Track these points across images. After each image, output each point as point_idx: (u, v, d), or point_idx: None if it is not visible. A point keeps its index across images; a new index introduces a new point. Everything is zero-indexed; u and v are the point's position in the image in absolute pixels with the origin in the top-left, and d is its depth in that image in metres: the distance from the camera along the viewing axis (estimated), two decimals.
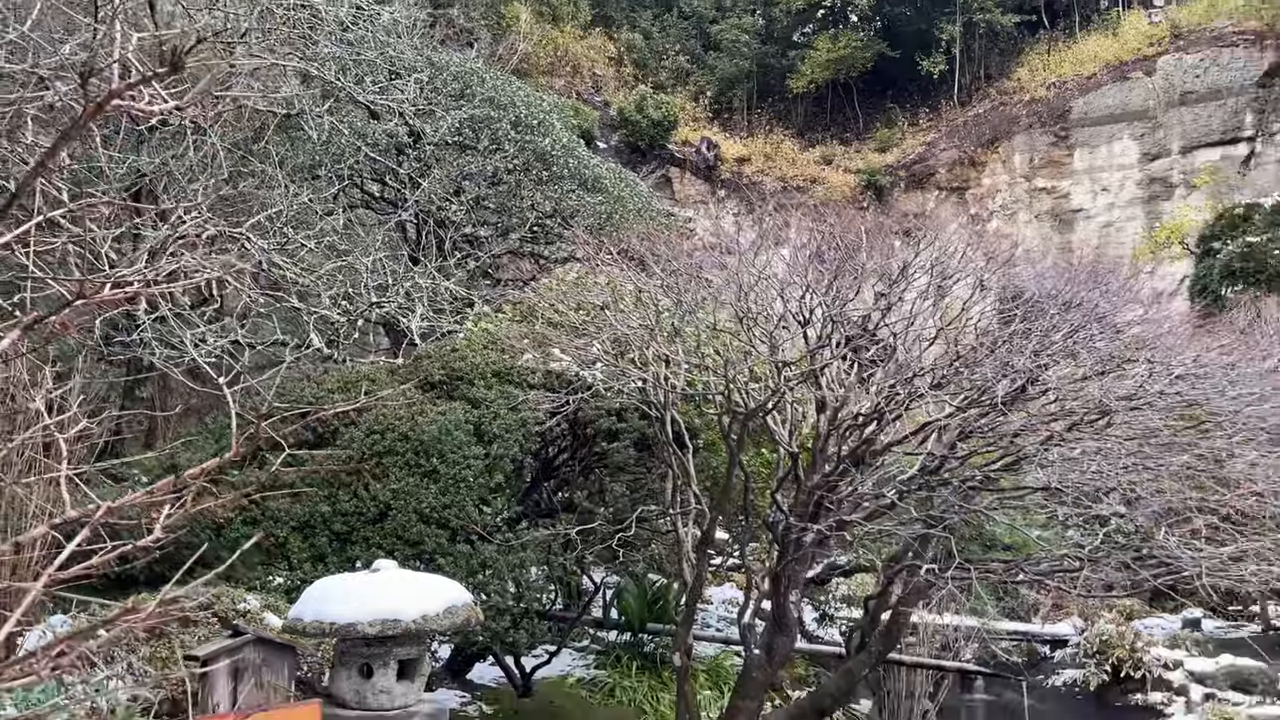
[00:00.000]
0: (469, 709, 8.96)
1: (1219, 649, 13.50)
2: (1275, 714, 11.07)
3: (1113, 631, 13.22)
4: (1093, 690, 12.94)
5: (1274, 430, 7.26)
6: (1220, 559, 6.73)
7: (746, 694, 7.64)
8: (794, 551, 7.61)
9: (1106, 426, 7.11)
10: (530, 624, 7.73)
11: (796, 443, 8.03)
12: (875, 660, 7.86)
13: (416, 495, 7.43)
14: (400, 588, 5.92)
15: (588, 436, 8.72)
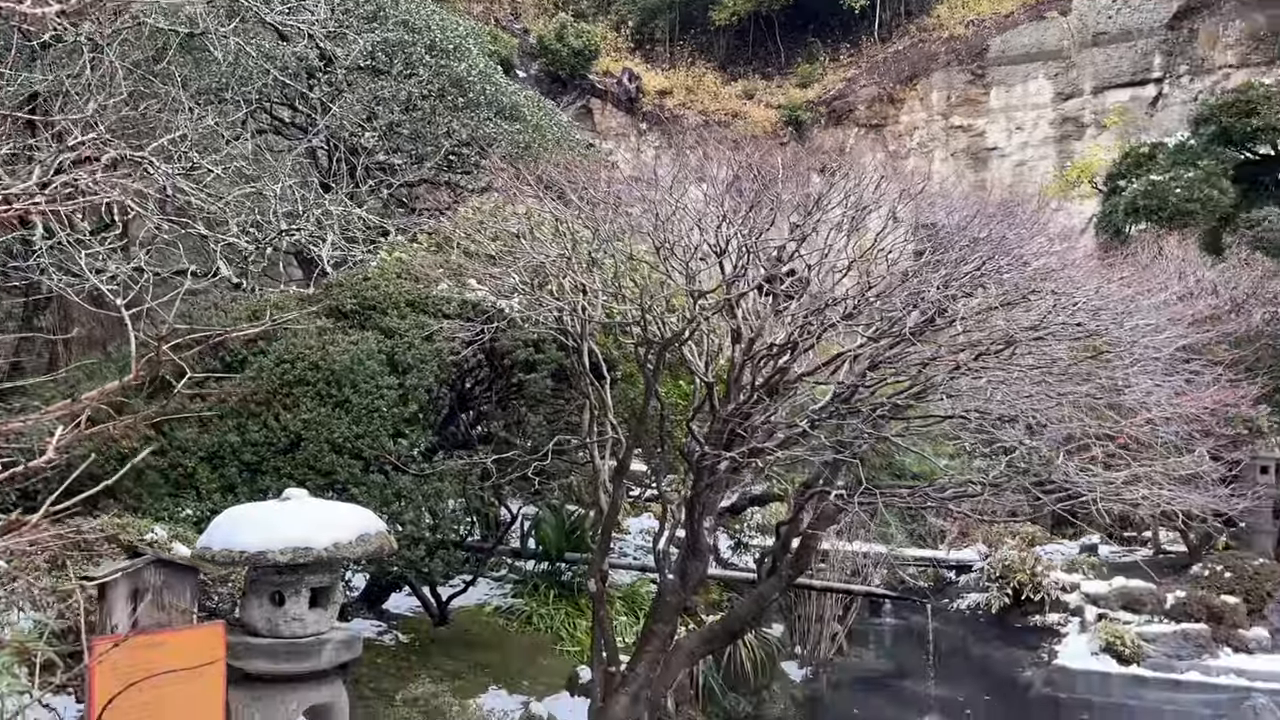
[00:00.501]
0: (385, 638, 8.99)
1: (1113, 572, 14.12)
2: (1161, 630, 11.65)
3: (1015, 557, 13.71)
4: (995, 613, 13.45)
5: (1168, 360, 7.54)
6: (1115, 484, 7.00)
7: (661, 618, 7.78)
8: (708, 479, 7.72)
9: (1011, 356, 7.30)
10: (446, 553, 7.74)
11: (712, 373, 8.10)
12: (785, 584, 8.05)
13: (328, 425, 7.33)
14: (312, 516, 5.85)
15: (505, 368, 8.68)
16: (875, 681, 12.09)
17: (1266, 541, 13.81)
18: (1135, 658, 11.36)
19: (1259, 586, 12.33)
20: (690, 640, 8.10)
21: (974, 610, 14.19)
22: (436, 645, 8.99)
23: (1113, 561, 15.63)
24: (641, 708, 7.56)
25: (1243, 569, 12.56)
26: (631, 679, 7.61)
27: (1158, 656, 11.37)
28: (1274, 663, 11.28)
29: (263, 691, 5.73)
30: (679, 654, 7.90)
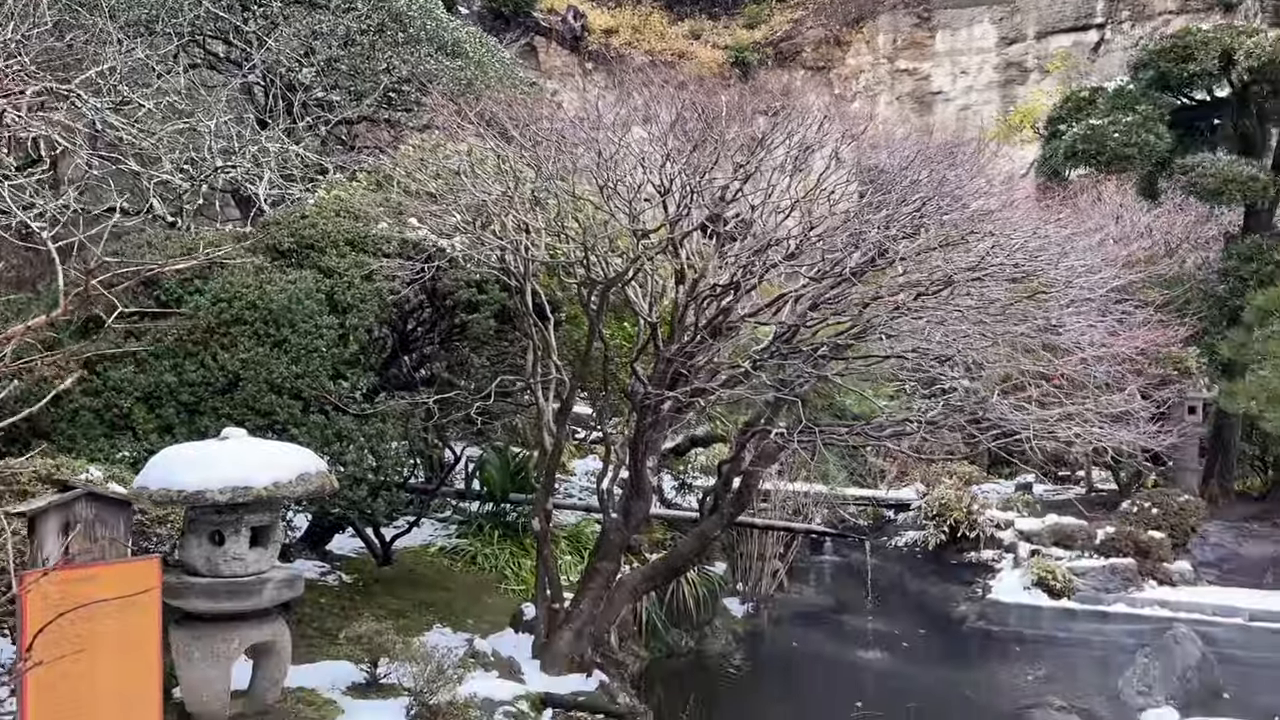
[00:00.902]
0: (328, 579, 8.97)
1: (1046, 510, 14.49)
2: (1091, 565, 12.01)
3: (951, 496, 14.01)
4: (931, 549, 13.76)
5: (1102, 301, 7.69)
6: (1048, 421, 7.17)
7: (604, 555, 7.86)
8: (651, 420, 7.77)
9: (950, 297, 7.40)
10: (389, 494, 7.72)
11: (656, 314, 8.12)
12: (726, 521, 8.17)
13: (267, 365, 7.22)
14: (251, 455, 5.81)
15: (447, 308, 8.60)
16: (815, 616, 12.35)
17: (1192, 479, 14.27)
18: (1066, 591, 11.71)
19: (1184, 522, 12.74)
20: (633, 577, 8.20)
21: (911, 547, 14.52)
22: (381, 585, 9.00)
23: (1047, 499, 16.05)
24: (585, 643, 7.66)
25: (1169, 505, 12.95)
26: (575, 615, 7.70)
27: (1087, 590, 11.73)
28: (1195, 594, 11.70)
29: (203, 630, 5.73)
30: (622, 591, 8.00)
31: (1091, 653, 10.71)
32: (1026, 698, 8.54)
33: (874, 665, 10.55)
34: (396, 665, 6.55)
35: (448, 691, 6.10)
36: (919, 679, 9.93)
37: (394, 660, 6.55)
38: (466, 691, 6.24)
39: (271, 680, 6.01)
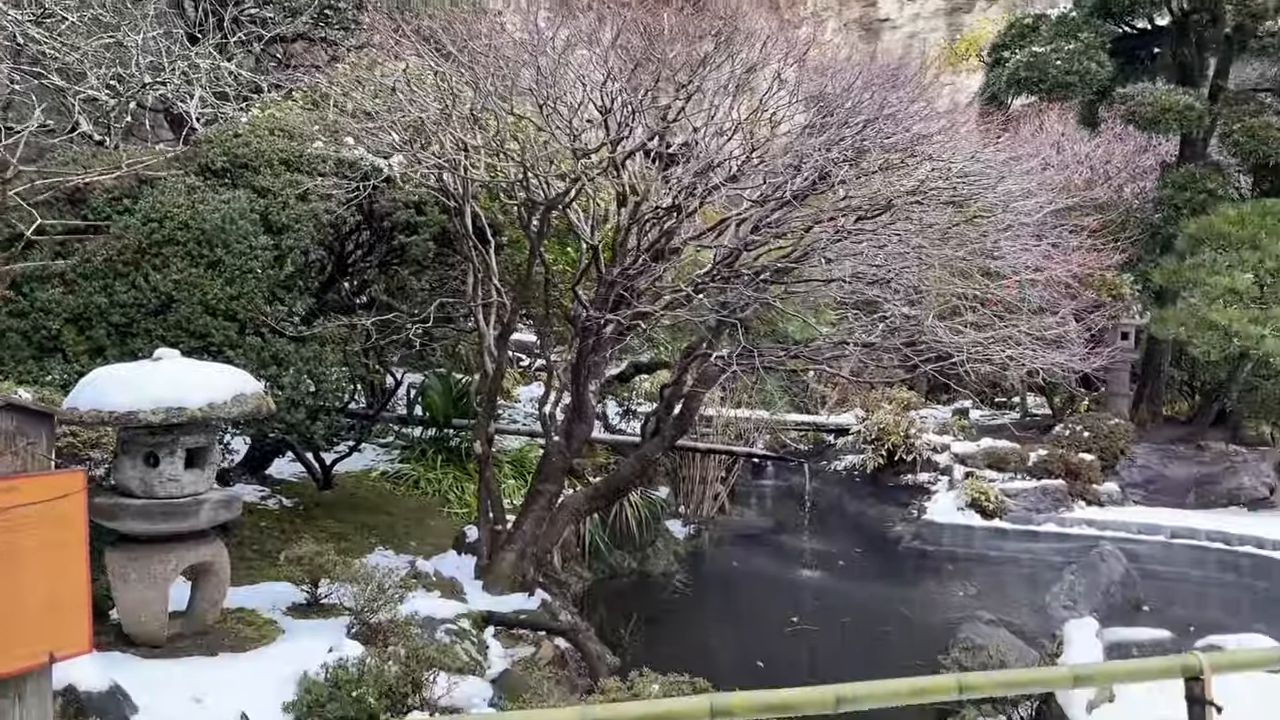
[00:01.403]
0: (269, 502, 8.94)
1: (982, 434, 14.83)
2: (1023, 487, 12.34)
3: (890, 420, 14.26)
4: (869, 473, 14.05)
5: (1037, 226, 7.79)
6: (982, 344, 7.29)
7: (546, 478, 7.91)
8: (594, 343, 7.78)
9: (890, 221, 7.46)
10: (328, 418, 7.66)
11: (599, 238, 8.08)
12: (667, 444, 8.24)
13: (201, 287, 7.08)
14: (185, 376, 5.72)
15: (385, 230, 8.48)
16: (755, 537, 12.59)
17: (1123, 403, 14.65)
18: (998, 512, 12.04)
19: (1113, 445, 13.11)
20: (575, 499, 8.27)
21: (850, 471, 14.81)
22: (322, 509, 8.99)
23: (982, 424, 16.41)
24: (527, 563, 7.73)
25: (1099, 428, 13.31)
26: (517, 537, 7.76)
27: (1018, 510, 12.08)
28: (1122, 514, 12.10)
29: (139, 552, 5.69)
30: (564, 512, 8.07)
31: (1021, 570, 11.06)
32: (957, 612, 8.81)
33: (811, 583, 10.81)
34: (337, 586, 6.56)
35: (388, 610, 6.14)
36: (854, 595, 10.21)
37: (334, 581, 6.57)
38: (407, 610, 6.28)
39: (210, 601, 6.00)
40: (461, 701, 5.56)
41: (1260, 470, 13.07)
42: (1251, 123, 13.65)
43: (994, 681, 3.93)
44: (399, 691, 5.32)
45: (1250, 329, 12.15)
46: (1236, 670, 4.16)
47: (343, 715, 4.89)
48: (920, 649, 7.34)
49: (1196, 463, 13.18)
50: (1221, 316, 12.33)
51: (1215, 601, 10.02)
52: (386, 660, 5.40)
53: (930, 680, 3.62)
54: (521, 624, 7.02)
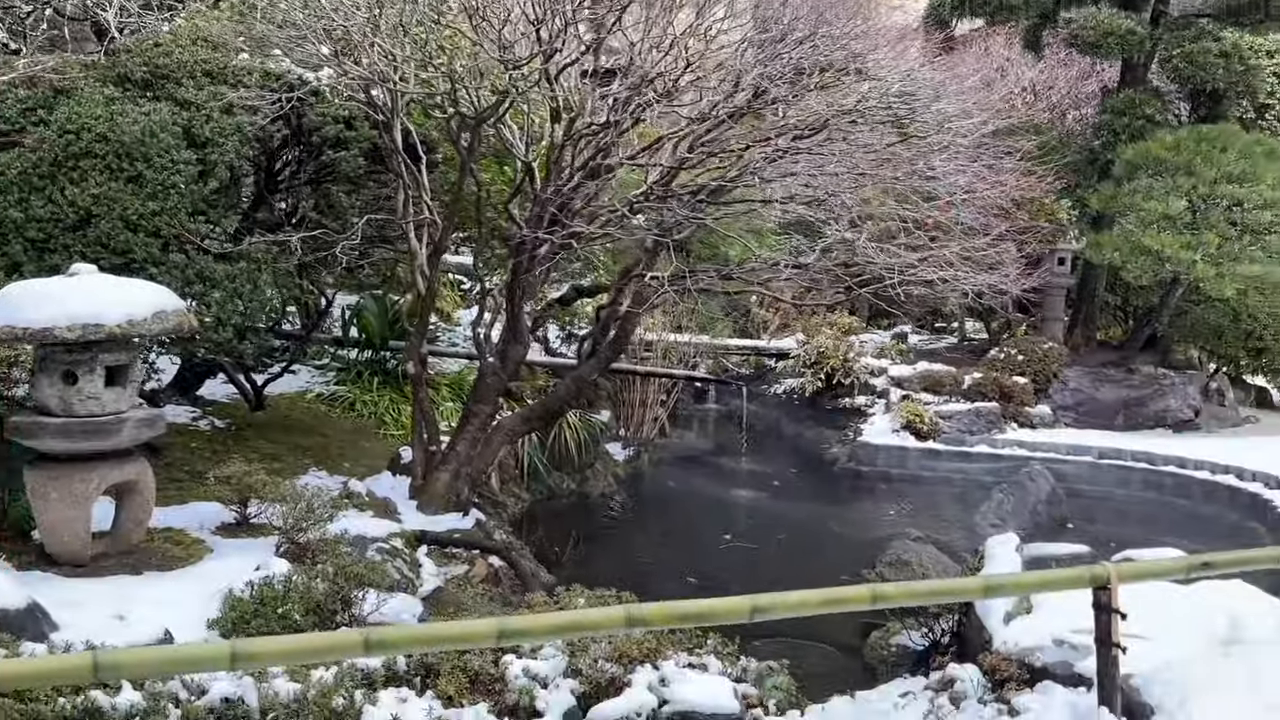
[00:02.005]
0: (200, 424, 8.83)
1: (919, 357, 15.02)
2: (957, 409, 12.54)
3: (829, 344, 14.38)
4: (808, 396, 14.19)
5: (973, 147, 7.80)
6: (913, 265, 7.33)
7: (481, 398, 7.88)
8: (528, 263, 7.70)
9: (826, 141, 7.42)
10: (257, 337, 7.54)
11: (534, 156, 7.96)
12: (603, 366, 8.24)
13: (121, 201, 6.86)
14: (102, 292, 5.60)
15: (314, 145, 8.26)
16: (694, 459, 12.69)
17: (1058, 328, 14.88)
18: (932, 434, 12.24)
19: (1046, 368, 13.35)
20: (510, 420, 8.26)
21: (790, 394, 14.95)
22: (254, 430, 8.90)
23: (921, 348, 16.62)
24: (462, 484, 7.74)
25: (1033, 352, 13.53)
26: (451, 457, 7.75)
27: (952, 432, 12.28)
28: (1052, 435, 12.36)
29: (60, 471, 5.60)
30: (499, 433, 8.06)
31: (953, 490, 11.29)
32: (888, 530, 8.99)
33: (747, 503, 10.95)
34: (267, 506, 6.53)
35: (318, 529, 6.12)
36: (788, 515, 10.36)
37: (264, 501, 6.53)
38: (338, 529, 6.27)
39: (135, 520, 5.94)
40: (391, 617, 5.57)
41: (1187, 393, 13.40)
42: (1191, 48, 13.72)
43: (906, 591, 4.02)
44: (327, 609, 5.32)
45: (1182, 254, 12.34)
46: (1141, 579, 4.30)
47: (268, 632, 4.88)
48: (850, 564, 7.49)
49: (1126, 386, 13.46)
50: (1154, 241, 12.51)
51: (1137, 519, 10.31)
52: (314, 578, 5.39)
53: (843, 591, 3.69)
54: (455, 543, 7.04)
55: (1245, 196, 12.51)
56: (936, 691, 5.42)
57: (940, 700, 5.18)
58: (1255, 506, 9.95)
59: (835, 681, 5.84)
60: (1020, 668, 5.15)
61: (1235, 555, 4.48)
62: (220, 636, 4.92)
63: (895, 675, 6.05)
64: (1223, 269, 12.40)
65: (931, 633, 6.19)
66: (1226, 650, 4.67)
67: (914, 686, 5.60)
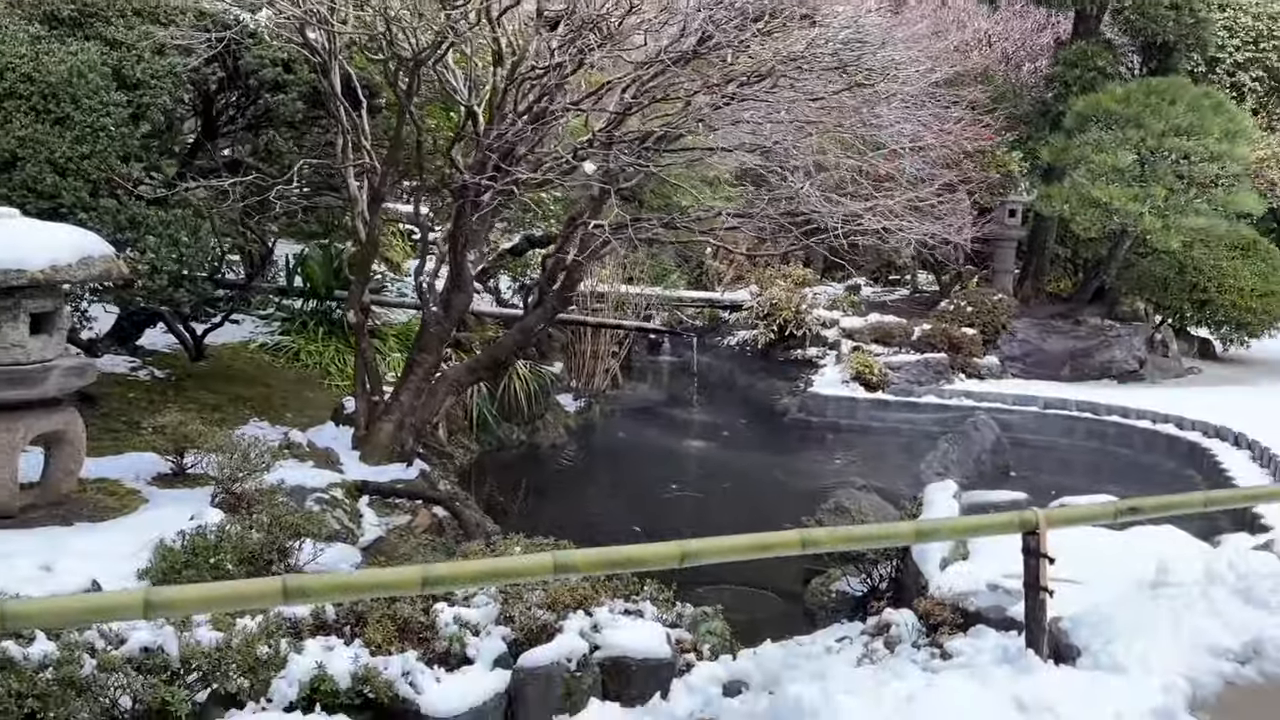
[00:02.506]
0: (139, 374, 8.66)
1: (871, 309, 15.09)
2: (906, 360, 12.62)
3: (782, 296, 14.40)
4: (761, 348, 14.24)
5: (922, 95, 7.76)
6: (858, 214, 7.30)
7: (424, 348, 7.79)
8: (472, 210, 7.58)
9: (774, 88, 7.33)
10: (193, 286, 7.37)
11: (478, 100, 7.80)
12: (549, 316, 8.17)
13: (48, 144, 6.64)
14: (26, 237, 5.43)
15: (252, 89, 8.07)
16: (645, 410, 12.69)
17: (1008, 280, 15.00)
18: (881, 385, 12.32)
19: (995, 319, 13.46)
20: (455, 370, 8.18)
21: (743, 346, 14.98)
22: (195, 381, 8.75)
23: (873, 300, 16.70)
24: (406, 434, 7.67)
25: (983, 304, 13.63)
26: (395, 408, 7.67)
27: (901, 383, 12.37)
28: (999, 386, 12.50)
29: None
30: (444, 383, 7.99)
31: (900, 439, 11.39)
32: (833, 479, 9.05)
33: (696, 453, 10.99)
34: (203, 456, 6.43)
35: (254, 479, 6.04)
36: (736, 464, 10.41)
37: (200, 450, 6.43)
38: (275, 479, 6.18)
39: (65, 470, 5.82)
40: (329, 567, 5.52)
41: (1132, 345, 13.58)
42: (1143, 0, 13.75)
43: (837, 536, 4.03)
44: (262, 559, 5.26)
45: (1130, 206, 12.46)
46: (1071, 524, 4.34)
47: (199, 582, 4.82)
48: (793, 512, 7.51)
49: (1073, 337, 13.62)
50: (1103, 194, 12.60)
51: (1080, 467, 10.48)
52: (249, 528, 5.32)
53: (773, 536, 3.68)
54: (397, 493, 6.99)
55: (1192, 149, 12.62)
56: (872, 636, 5.48)
57: (875, 645, 5.24)
58: (1193, 455, 10.13)
59: (774, 627, 5.89)
60: (954, 612, 5.22)
61: (1161, 500, 4.55)
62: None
63: (834, 620, 6.12)
64: (1169, 221, 12.54)
65: (870, 579, 6.25)
66: (1154, 594, 4.75)
67: (850, 631, 5.66)
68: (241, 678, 3.79)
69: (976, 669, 4.10)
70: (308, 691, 3.82)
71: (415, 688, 3.94)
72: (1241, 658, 4.21)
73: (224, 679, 3.75)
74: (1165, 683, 3.92)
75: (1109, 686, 3.90)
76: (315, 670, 3.86)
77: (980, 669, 4.06)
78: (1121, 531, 5.15)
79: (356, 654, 4.00)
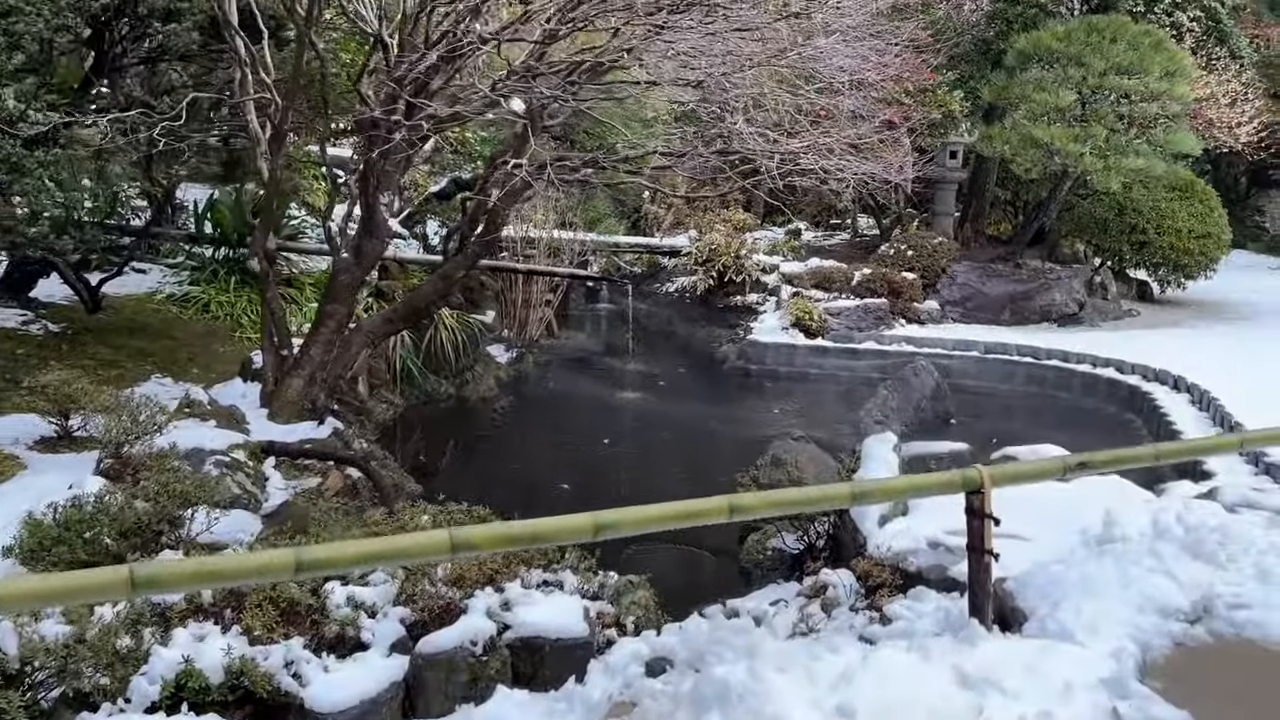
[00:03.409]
0: (31, 328, 8.08)
1: (812, 254, 14.77)
2: (846, 306, 12.34)
3: (721, 241, 14.03)
4: (700, 294, 13.88)
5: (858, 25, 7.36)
6: (795, 152, 6.93)
7: (335, 298, 7.31)
8: (382, 149, 7.07)
9: (706, 18, 6.89)
10: (80, 231, 6.82)
11: (390, 30, 7.25)
12: (470, 262, 7.71)
13: None
14: None
15: (142, 18, 7.44)
16: (582, 360, 12.30)
17: (948, 223, 14.76)
18: (821, 331, 12.04)
19: (935, 263, 13.22)
20: (371, 322, 7.71)
21: (682, 293, 14.62)
22: (94, 335, 8.18)
23: (814, 245, 16.39)
24: (317, 390, 7.21)
25: (923, 247, 13.39)
26: (305, 362, 7.20)
27: (841, 329, 12.11)
28: (940, 330, 12.29)
29: None
30: (359, 335, 7.52)
31: (839, 387, 11.14)
32: (771, 429, 8.74)
33: (631, 405, 10.62)
34: (90, 417, 5.93)
35: (144, 442, 5.57)
36: (672, 415, 10.06)
37: (86, 411, 5.93)
38: (167, 441, 5.70)
39: None
40: (226, 538, 5.11)
41: (1072, 287, 13.44)
42: None
43: (769, 501, 3.70)
44: (150, 530, 4.82)
45: (1071, 147, 12.23)
46: (1016, 483, 4.06)
47: (74, 559, 4.37)
48: (728, 465, 7.23)
49: (1014, 280, 13.44)
50: (1044, 134, 12.36)
51: (1021, 413, 10.31)
52: (134, 497, 4.87)
53: (697, 504, 3.34)
54: (306, 454, 6.54)
55: (1133, 88, 12.40)
56: (809, 598, 5.20)
57: (811, 608, 4.96)
58: (1133, 398, 10.00)
59: (708, 590, 5.60)
60: (893, 573, 4.95)
61: (1111, 455, 4.27)
62: (21, 566, 4.39)
63: (770, 580, 5.84)
64: (1110, 162, 12.34)
65: (806, 536, 5.96)
66: (1101, 550, 4.51)
67: (786, 593, 5.38)
68: (100, 675, 3.37)
69: (916, 639, 3.80)
70: (172, 689, 3.39)
71: (300, 679, 3.55)
72: (1191, 616, 3.98)
73: (75, 678, 3.33)
74: (1115, 648, 3.67)
75: (1057, 655, 3.63)
76: (182, 665, 3.43)
77: (921, 639, 3.77)
78: (1066, 481, 4.89)
79: (231, 644, 3.58)
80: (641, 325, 13.94)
